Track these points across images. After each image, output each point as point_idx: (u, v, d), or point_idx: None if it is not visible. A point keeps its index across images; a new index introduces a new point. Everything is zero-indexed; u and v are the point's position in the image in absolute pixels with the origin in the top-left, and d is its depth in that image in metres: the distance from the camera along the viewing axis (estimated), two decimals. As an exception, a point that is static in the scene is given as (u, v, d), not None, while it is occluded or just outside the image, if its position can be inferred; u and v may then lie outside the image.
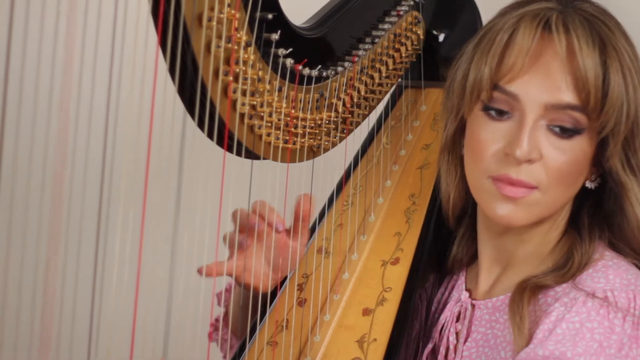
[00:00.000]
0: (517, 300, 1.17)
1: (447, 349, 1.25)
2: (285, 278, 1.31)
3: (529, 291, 1.17)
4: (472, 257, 1.32)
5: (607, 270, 1.16)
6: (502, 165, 1.16)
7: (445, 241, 1.35)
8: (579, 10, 1.16)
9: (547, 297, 1.16)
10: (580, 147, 1.15)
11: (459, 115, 1.23)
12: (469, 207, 1.29)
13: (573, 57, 1.13)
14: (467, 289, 1.29)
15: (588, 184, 1.20)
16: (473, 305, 1.26)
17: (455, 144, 1.26)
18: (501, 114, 1.17)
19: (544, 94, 1.14)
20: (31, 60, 1.04)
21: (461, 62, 1.22)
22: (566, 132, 1.15)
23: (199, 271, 1.20)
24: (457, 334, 1.25)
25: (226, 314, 1.37)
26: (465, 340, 1.24)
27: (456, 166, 1.26)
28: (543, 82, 1.14)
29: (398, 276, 1.28)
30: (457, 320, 1.26)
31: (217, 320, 1.41)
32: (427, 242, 1.32)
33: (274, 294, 1.30)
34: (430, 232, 1.33)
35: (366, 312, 1.25)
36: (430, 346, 1.27)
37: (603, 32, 1.15)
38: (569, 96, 1.13)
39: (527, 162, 1.15)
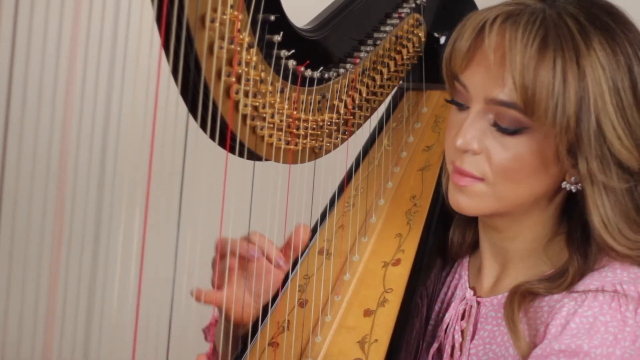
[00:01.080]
0: (507, 305, 1.19)
1: (453, 347, 1.26)
2: (287, 279, 1.31)
3: (519, 297, 1.18)
4: (472, 248, 1.33)
5: (613, 264, 1.17)
6: (454, 154, 1.20)
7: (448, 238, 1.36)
8: (558, 9, 1.14)
9: (543, 301, 1.18)
10: (525, 145, 1.15)
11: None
12: None
13: (507, 56, 1.12)
14: (471, 287, 1.29)
15: (566, 186, 1.18)
16: (478, 303, 1.26)
17: None
18: (461, 105, 1.20)
19: (484, 87, 1.15)
20: (35, 63, 1.04)
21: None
22: (506, 130, 1.15)
23: (192, 293, 1.21)
24: (462, 332, 1.26)
25: (214, 349, 1.36)
26: (472, 338, 1.24)
27: None
28: (484, 76, 1.15)
29: (399, 277, 1.28)
30: (462, 318, 1.27)
31: (207, 356, 1.41)
32: (428, 243, 1.32)
33: (275, 295, 1.30)
34: (432, 233, 1.33)
35: (367, 313, 1.25)
36: (436, 345, 1.28)
37: (557, 31, 1.12)
38: (502, 94, 1.14)
39: (471, 152, 1.17)
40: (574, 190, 1.18)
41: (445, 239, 1.36)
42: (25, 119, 1.06)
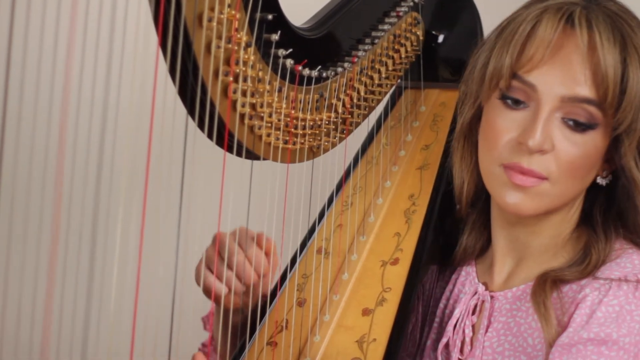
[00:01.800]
0: (539, 291, 1.19)
1: (463, 342, 1.26)
2: (285, 278, 1.31)
3: (550, 282, 1.19)
4: (481, 249, 1.33)
5: (631, 256, 1.19)
6: (514, 154, 1.18)
7: (448, 235, 1.35)
8: (602, 7, 1.17)
9: (569, 290, 1.18)
10: (593, 142, 1.17)
11: (477, 102, 1.24)
12: (482, 194, 1.30)
13: (594, 52, 1.14)
14: (482, 283, 1.29)
15: (599, 180, 1.21)
16: (492, 297, 1.26)
17: (471, 130, 1.27)
18: (517, 103, 1.18)
19: (562, 86, 1.15)
20: (32, 62, 1.04)
21: (482, 50, 1.23)
22: (580, 126, 1.16)
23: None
24: (472, 326, 1.26)
25: (212, 338, 1.36)
26: (486, 331, 1.24)
27: (471, 152, 1.27)
28: (561, 75, 1.15)
29: (397, 276, 1.28)
30: (473, 313, 1.27)
31: (204, 345, 1.41)
32: (427, 243, 1.32)
33: (273, 294, 1.30)
34: (430, 232, 1.33)
35: (366, 312, 1.25)
36: (444, 340, 1.28)
37: (625, 30, 1.15)
38: (586, 90, 1.14)
39: (539, 152, 1.16)
40: (604, 184, 1.21)
41: (446, 240, 1.36)
42: (23, 120, 1.06)
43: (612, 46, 1.14)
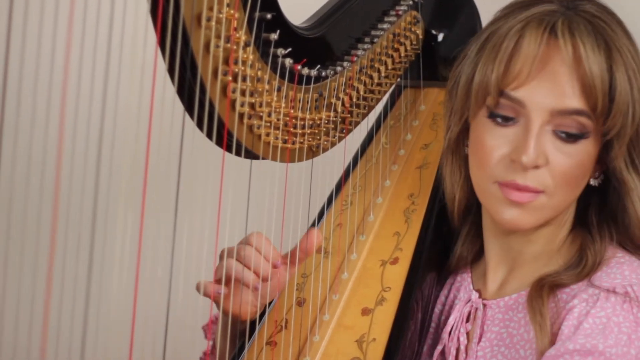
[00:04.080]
0: (536, 298, 1.18)
1: (458, 349, 1.25)
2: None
3: (547, 289, 1.18)
4: (476, 256, 1.33)
5: (621, 266, 1.17)
6: (508, 171, 1.17)
7: (446, 240, 1.35)
8: (581, 12, 1.16)
9: (562, 294, 1.17)
10: (585, 151, 1.16)
11: (463, 118, 1.23)
12: (473, 206, 1.29)
13: (580, 63, 1.13)
14: (475, 290, 1.29)
15: (592, 182, 1.21)
16: (484, 305, 1.26)
17: (458, 146, 1.26)
18: (507, 119, 1.17)
19: (551, 99, 1.14)
20: (29, 60, 1.03)
21: (464, 65, 1.22)
22: (572, 137, 1.15)
23: (197, 287, 1.20)
24: (467, 334, 1.26)
25: (214, 346, 1.35)
26: (479, 341, 1.24)
27: (460, 167, 1.27)
28: (550, 89, 1.14)
29: (397, 276, 1.28)
30: (467, 320, 1.26)
31: (205, 354, 1.41)
32: (426, 242, 1.32)
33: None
34: (430, 232, 1.33)
35: (365, 311, 1.25)
36: (440, 348, 1.27)
37: (607, 34, 1.15)
38: (575, 102, 1.14)
39: (534, 167, 1.15)
40: (596, 185, 1.21)
41: (443, 244, 1.35)
42: (20, 119, 1.06)
43: (597, 54, 1.13)
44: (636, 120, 1.16)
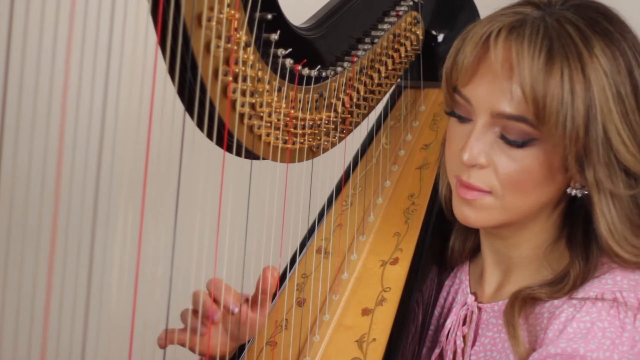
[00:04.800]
0: (508, 310, 1.18)
1: (455, 352, 1.25)
2: (285, 278, 1.31)
3: (519, 302, 1.18)
4: (472, 253, 1.33)
5: (614, 272, 1.17)
6: (459, 168, 1.19)
7: (447, 239, 1.35)
8: (555, 17, 1.13)
9: (553, 301, 1.17)
10: (533, 157, 1.14)
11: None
12: None
13: (511, 69, 1.12)
14: (472, 293, 1.29)
15: (571, 191, 1.18)
16: (479, 309, 1.26)
17: None
18: (462, 118, 1.19)
19: (490, 101, 1.14)
20: (30, 60, 1.04)
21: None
22: (514, 142, 1.14)
23: (159, 342, 1.17)
24: (464, 337, 1.26)
25: None
26: (473, 344, 1.24)
27: None
28: (489, 90, 1.14)
29: (397, 276, 1.28)
30: (464, 323, 1.26)
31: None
32: (427, 242, 1.32)
33: (272, 297, 1.30)
34: (430, 232, 1.33)
35: (365, 312, 1.25)
36: (437, 351, 1.27)
37: (565, 42, 1.11)
38: (509, 107, 1.13)
39: (477, 166, 1.16)
40: (579, 195, 1.18)
41: (443, 243, 1.36)
42: (21, 119, 1.06)
43: (533, 60, 1.10)
44: (578, 133, 1.11)
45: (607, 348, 1.10)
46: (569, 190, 1.18)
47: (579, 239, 1.20)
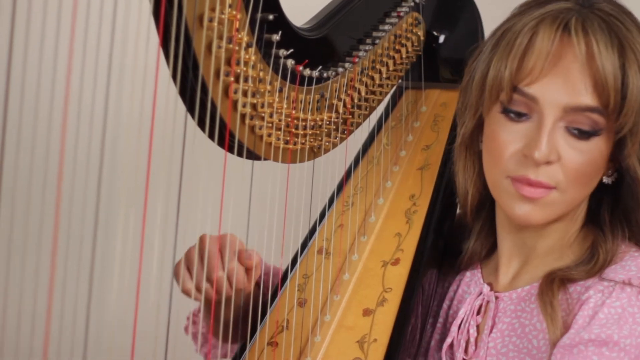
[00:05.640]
0: (546, 290, 1.19)
1: (467, 342, 1.26)
2: (286, 278, 1.31)
3: (557, 282, 1.19)
4: (488, 252, 1.33)
5: (636, 259, 1.18)
6: (520, 167, 1.17)
7: (448, 239, 1.35)
8: (596, 10, 1.16)
9: (576, 287, 1.18)
10: (597, 148, 1.16)
11: (477, 113, 1.23)
12: (487, 202, 1.30)
13: (592, 60, 1.13)
14: (487, 283, 1.29)
15: (605, 179, 1.21)
16: (497, 298, 1.26)
17: (473, 141, 1.27)
18: (520, 115, 1.18)
19: (564, 96, 1.15)
20: (32, 61, 1.04)
21: (479, 62, 1.22)
22: (584, 134, 1.16)
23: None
24: (477, 327, 1.26)
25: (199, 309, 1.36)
26: (490, 332, 1.24)
27: (474, 162, 1.27)
28: (562, 85, 1.15)
29: (398, 277, 1.28)
30: (478, 313, 1.27)
31: (194, 314, 1.41)
32: (428, 243, 1.32)
33: (274, 294, 1.30)
34: (431, 233, 1.33)
35: (366, 312, 1.25)
36: (449, 341, 1.27)
37: (621, 33, 1.15)
38: (588, 99, 1.14)
39: (546, 163, 1.16)
40: (609, 183, 1.21)
41: (445, 240, 1.36)
42: (23, 120, 1.06)
43: (610, 52, 1.13)
44: None
45: (638, 334, 1.12)
46: (604, 179, 1.21)
47: (606, 222, 1.22)
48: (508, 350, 1.21)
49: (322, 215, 1.39)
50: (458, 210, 1.39)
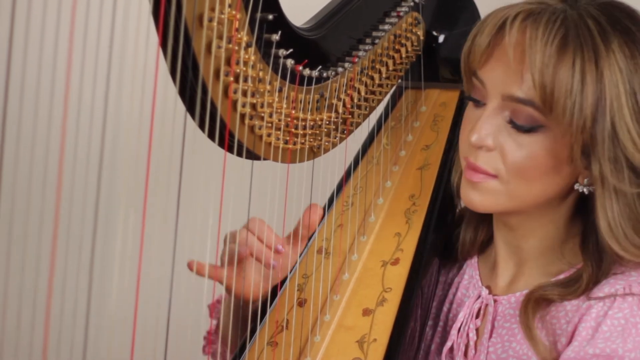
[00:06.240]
0: (522, 312, 1.19)
1: (467, 345, 1.26)
2: (285, 279, 1.31)
3: (532, 303, 1.18)
4: (482, 245, 1.33)
5: (636, 265, 1.17)
6: (468, 150, 1.20)
7: (450, 232, 1.35)
8: (579, 10, 1.14)
9: (568, 302, 1.18)
10: (540, 144, 1.15)
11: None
12: None
13: (524, 53, 1.13)
14: (485, 286, 1.29)
15: (578, 187, 1.18)
16: (495, 301, 1.26)
17: None
18: (477, 102, 1.20)
19: (500, 84, 1.16)
20: (32, 61, 1.04)
21: None
22: (522, 128, 1.15)
23: (189, 265, 1.21)
24: (477, 330, 1.26)
25: (218, 325, 1.37)
26: (490, 337, 1.24)
27: None
28: (502, 73, 1.16)
29: (398, 277, 1.28)
30: (477, 316, 1.27)
31: (209, 333, 1.41)
32: (427, 243, 1.32)
33: (273, 293, 1.30)
34: (431, 233, 1.33)
35: (366, 312, 1.25)
36: (449, 344, 1.28)
37: (582, 34, 1.12)
38: (519, 91, 1.14)
39: (485, 149, 1.17)
40: (586, 192, 1.18)
41: (445, 239, 1.36)
42: (23, 119, 1.06)
43: (545, 46, 1.11)
44: (585, 123, 1.11)
45: None
46: (576, 186, 1.18)
47: (593, 240, 1.19)
48: (508, 356, 1.21)
49: (322, 215, 1.39)
50: (458, 210, 1.39)
